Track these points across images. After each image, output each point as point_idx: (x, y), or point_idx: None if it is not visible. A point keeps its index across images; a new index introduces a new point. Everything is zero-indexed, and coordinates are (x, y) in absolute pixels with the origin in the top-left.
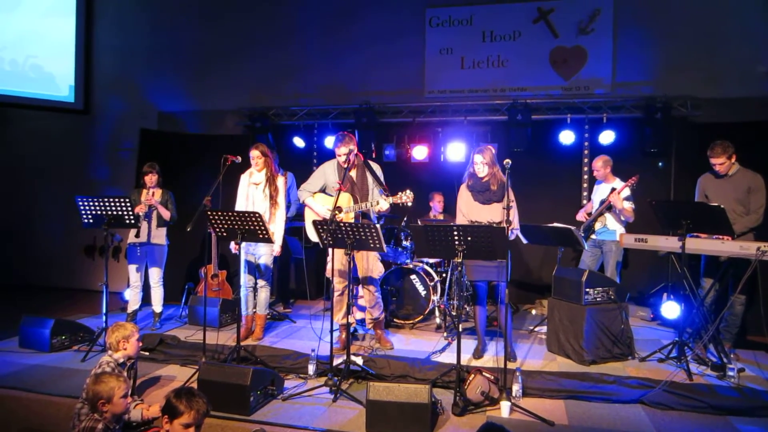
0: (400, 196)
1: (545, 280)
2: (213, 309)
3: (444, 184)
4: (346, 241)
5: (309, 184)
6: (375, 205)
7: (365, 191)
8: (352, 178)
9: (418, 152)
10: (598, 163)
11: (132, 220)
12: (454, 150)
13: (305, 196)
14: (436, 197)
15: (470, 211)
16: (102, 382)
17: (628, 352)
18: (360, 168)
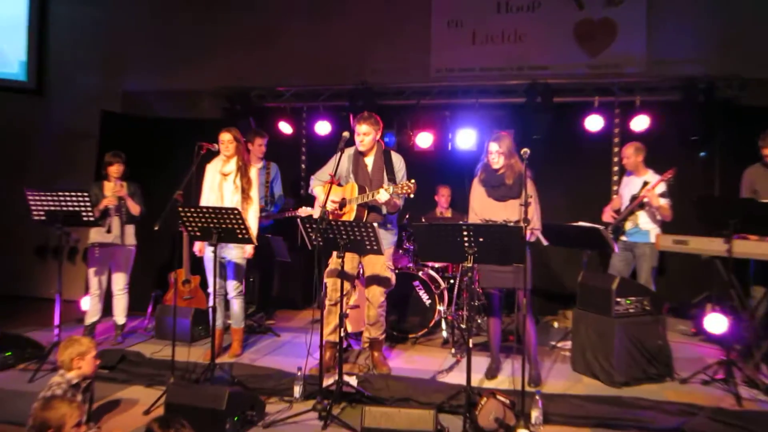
0: (402, 186)
1: (569, 288)
2: (184, 320)
3: (452, 177)
4: (338, 241)
5: (321, 173)
6: (374, 195)
7: (379, 184)
8: (366, 167)
9: (423, 140)
10: (628, 150)
11: (90, 217)
12: (463, 137)
13: (315, 185)
14: (443, 191)
15: (484, 209)
16: (51, 408)
17: (666, 372)
18: (378, 157)
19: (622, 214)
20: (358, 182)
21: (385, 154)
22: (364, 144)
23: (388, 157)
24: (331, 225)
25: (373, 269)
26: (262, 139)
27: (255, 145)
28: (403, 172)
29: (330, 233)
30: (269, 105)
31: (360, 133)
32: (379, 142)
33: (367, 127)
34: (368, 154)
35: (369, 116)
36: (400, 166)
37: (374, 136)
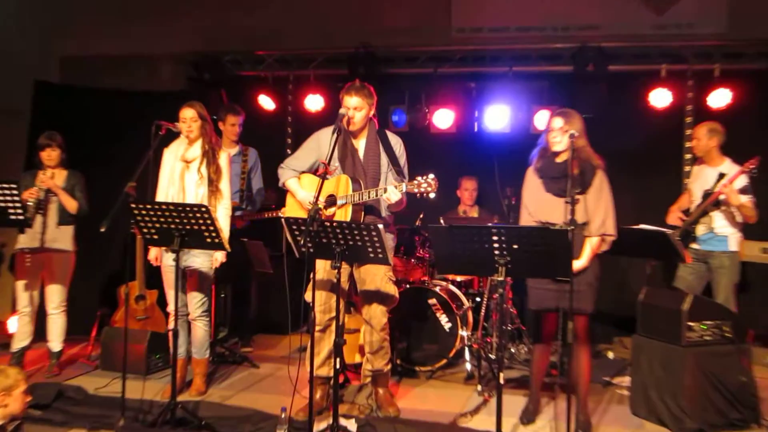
0: (419, 183)
1: (627, 309)
2: (138, 347)
3: (478, 166)
4: (334, 248)
5: (295, 159)
6: (384, 193)
7: (375, 174)
8: (356, 152)
9: (441, 118)
10: (701, 131)
11: (21, 215)
12: (493, 115)
13: (287, 177)
14: (467, 185)
15: (539, 208)
16: None
17: (752, 417)
18: (371, 139)
19: (692, 214)
20: (348, 173)
21: (381, 134)
22: (354, 122)
23: (385, 140)
24: (326, 227)
25: (372, 282)
26: (236, 117)
27: (227, 125)
28: (404, 159)
29: (324, 237)
30: (246, 74)
31: (349, 107)
32: (372, 120)
33: (358, 99)
34: (359, 136)
35: (361, 87)
36: (400, 149)
37: (366, 113)
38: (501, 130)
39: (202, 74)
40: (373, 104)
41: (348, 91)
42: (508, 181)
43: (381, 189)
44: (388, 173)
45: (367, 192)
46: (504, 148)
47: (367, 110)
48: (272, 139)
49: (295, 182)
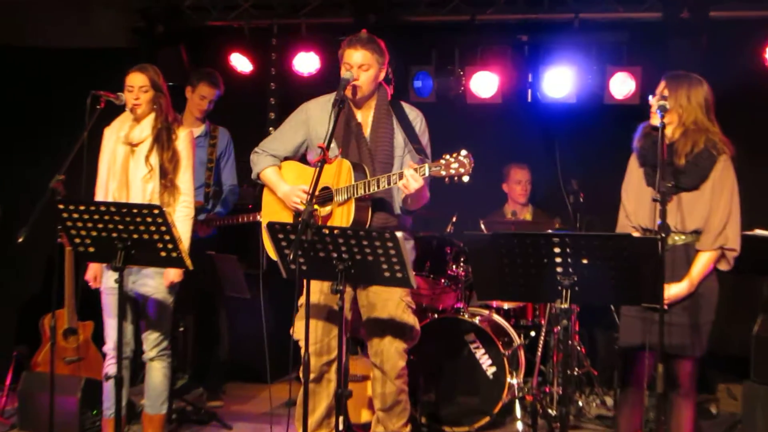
0: (448, 162)
1: (735, 346)
2: (67, 400)
3: (533, 150)
4: (335, 264)
5: (275, 141)
6: (399, 180)
7: (386, 157)
8: (360, 129)
9: (482, 84)
10: None
11: None
12: (554, 80)
13: (264, 165)
14: (518, 175)
15: (639, 208)
16: None
17: None
18: (382, 111)
19: None
20: (349, 157)
21: (393, 105)
22: (359, 86)
23: (400, 113)
24: (324, 235)
25: (384, 310)
26: (211, 88)
27: (196, 96)
28: (427, 137)
29: (321, 250)
30: (214, 24)
31: (352, 64)
32: (382, 86)
33: (364, 55)
34: (364, 106)
35: (368, 39)
36: (422, 126)
37: (375, 74)
38: (564, 100)
39: (154, 25)
40: (384, 64)
41: (351, 44)
42: (575, 169)
43: (395, 175)
44: (405, 157)
45: (376, 181)
46: (568, 125)
47: (376, 71)
48: (249, 114)
49: (274, 172)
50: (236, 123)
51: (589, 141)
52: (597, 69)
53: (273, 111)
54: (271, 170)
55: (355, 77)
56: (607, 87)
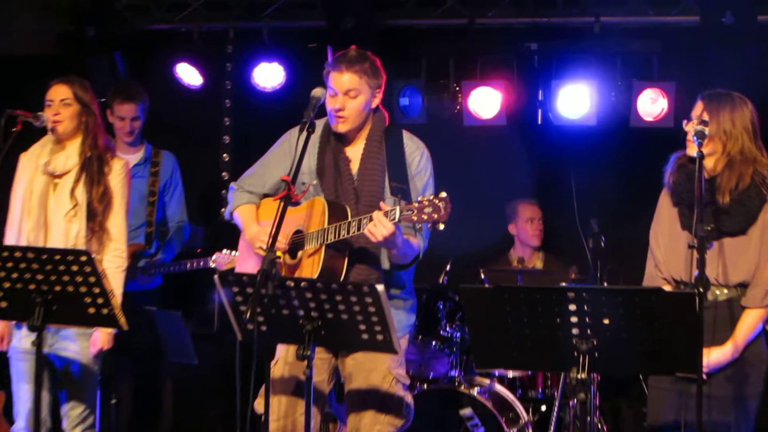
0: (420, 207)
1: None
2: None
3: (545, 182)
4: (302, 324)
5: (254, 177)
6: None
7: (373, 197)
8: (346, 163)
9: (483, 102)
10: None
11: None
12: (570, 98)
13: (239, 202)
14: (527, 213)
15: (672, 256)
16: None
17: None
18: (374, 142)
19: None
20: (329, 195)
21: (390, 135)
22: (345, 117)
23: (396, 144)
24: (288, 288)
25: (366, 380)
26: (129, 103)
27: (115, 116)
28: (429, 176)
29: (285, 307)
30: (156, 27)
31: (338, 90)
32: (379, 110)
33: (351, 78)
34: (355, 139)
35: (357, 58)
36: (421, 163)
37: (366, 99)
38: (582, 122)
39: (83, 30)
40: (379, 88)
41: (336, 65)
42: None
43: (367, 217)
44: (397, 196)
45: (346, 225)
46: (587, 153)
47: (367, 97)
48: (200, 137)
49: (248, 212)
50: (184, 148)
51: (612, 172)
52: (622, 85)
53: (228, 134)
54: (245, 209)
55: (338, 107)
56: (634, 106)
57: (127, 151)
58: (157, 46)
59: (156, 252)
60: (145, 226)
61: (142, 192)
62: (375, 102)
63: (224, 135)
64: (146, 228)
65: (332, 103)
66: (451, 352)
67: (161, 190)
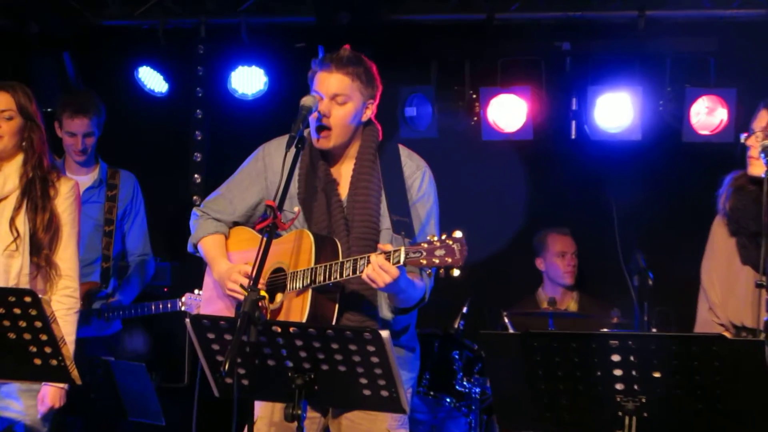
0: (431, 249)
1: None
2: None
3: (579, 209)
4: (291, 377)
5: (221, 200)
6: (363, 267)
7: (367, 228)
8: (334, 186)
9: (505, 113)
10: None
11: None
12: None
13: (205, 232)
14: (557, 245)
15: (730, 296)
16: None
17: None
18: (365, 162)
19: None
20: (316, 225)
21: (384, 153)
22: (333, 127)
23: (393, 163)
24: (274, 335)
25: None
26: (81, 117)
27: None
28: (433, 204)
29: (271, 357)
30: (114, 24)
31: (324, 93)
32: (371, 123)
33: (340, 81)
34: (342, 157)
35: (350, 60)
36: (423, 186)
37: (356, 108)
38: (623, 136)
39: (25, 24)
40: (374, 97)
41: (323, 65)
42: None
43: (364, 258)
44: (400, 233)
45: (338, 265)
46: (630, 173)
47: (358, 106)
48: (165, 154)
49: (216, 243)
50: (147, 168)
51: (660, 196)
52: (672, 92)
53: (200, 151)
54: (211, 239)
55: (324, 112)
56: (687, 118)
57: (78, 171)
58: (115, 45)
59: (114, 292)
60: (100, 261)
61: (96, 220)
62: (366, 115)
63: (195, 152)
64: (102, 263)
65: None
66: (469, 411)
67: (119, 217)
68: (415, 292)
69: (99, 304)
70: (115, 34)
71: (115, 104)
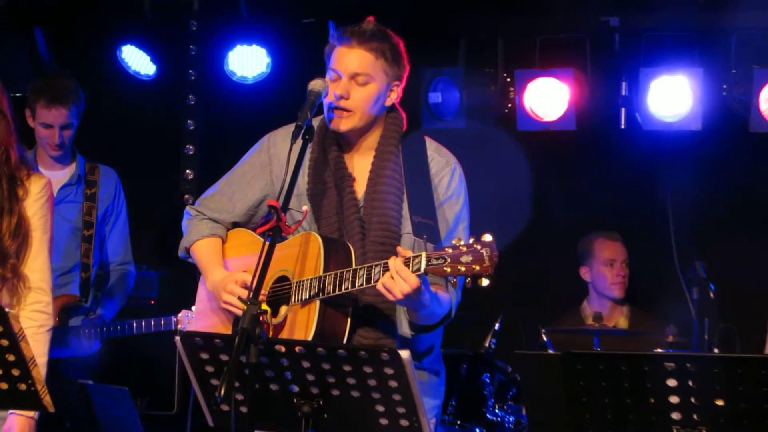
0: (455, 255)
1: None
2: None
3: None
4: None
5: (216, 197)
6: (378, 275)
7: (387, 234)
8: (348, 183)
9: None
10: None
11: None
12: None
13: (199, 234)
14: (605, 252)
15: None
16: None
17: None
18: (388, 156)
19: None
20: (327, 227)
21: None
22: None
23: (417, 157)
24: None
25: None
26: (53, 106)
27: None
28: (463, 205)
29: (273, 380)
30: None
31: (342, 72)
32: (395, 110)
33: (362, 58)
34: (359, 148)
35: (374, 34)
36: (452, 185)
37: (379, 90)
38: (681, 126)
39: None
40: (400, 78)
41: (345, 38)
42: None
43: (379, 265)
44: (422, 237)
45: (351, 273)
46: (689, 169)
47: (381, 87)
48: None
49: (211, 247)
50: (131, 162)
51: (724, 195)
52: (737, 74)
53: (192, 142)
54: (206, 243)
55: (340, 93)
56: (756, 104)
57: (52, 166)
58: (94, 20)
59: (94, 306)
60: (78, 270)
61: (73, 223)
62: (390, 99)
63: (187, 143)
64: (81, 273)
65: (332, 89)
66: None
67: (99, 219)
68: (438, 307)
69: (78, 320)
70: (95, 8)
71: (95, 89)
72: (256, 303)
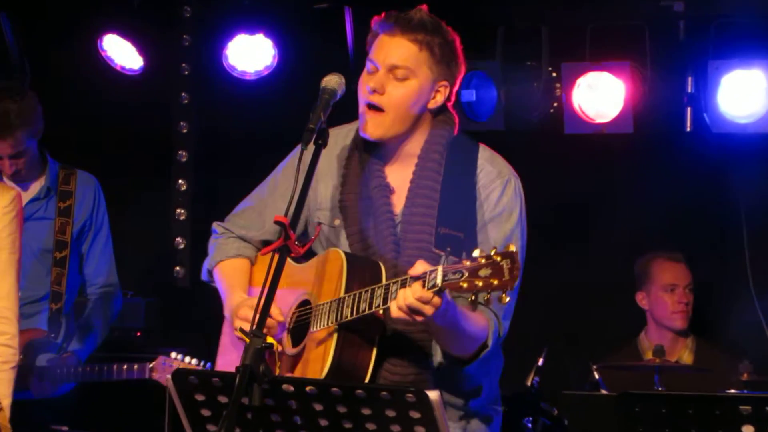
0: (476, 266)
1: None
2: None
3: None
4: None
5: (247, 213)
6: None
7: (423, 249)
8: (386, 192)
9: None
10: None
11: None
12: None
13: (224, 254)
14: (666, 274)
15: None
16: None
17: None
18: (431, 165)
19: None
20: (358, 243)
21: (457, 153)
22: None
23: (463, 165)
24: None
25: None
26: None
27: None
28: (517, 224)
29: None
30: None
31: (380, 63)
32: (446, 112)
33: (409, 46)
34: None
35: (429, 24)
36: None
37: (422, 88)
38: (756, 128)
39: None
40: (452, 77)
41: (387, 26)
42: None
43: (397, 282)
44: (445, 250)
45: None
46: (765, 176)
47: (424, 85)
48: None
49: (237, 269)
50: (115, 170)
51: None
52: None
53: (184, 147)
54: (229, 265)
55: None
56: None
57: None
58: (72, 6)
59: (66, 341)
60: (48, 300)
61: (43, 243)
62: (435, 102)
63: (179, 149)
64: (50, 303)
65: (365, 81)
66: None
67: (75, 237)
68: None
69: (45, 359)
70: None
71: (73, 85)
72: (261, 335)
